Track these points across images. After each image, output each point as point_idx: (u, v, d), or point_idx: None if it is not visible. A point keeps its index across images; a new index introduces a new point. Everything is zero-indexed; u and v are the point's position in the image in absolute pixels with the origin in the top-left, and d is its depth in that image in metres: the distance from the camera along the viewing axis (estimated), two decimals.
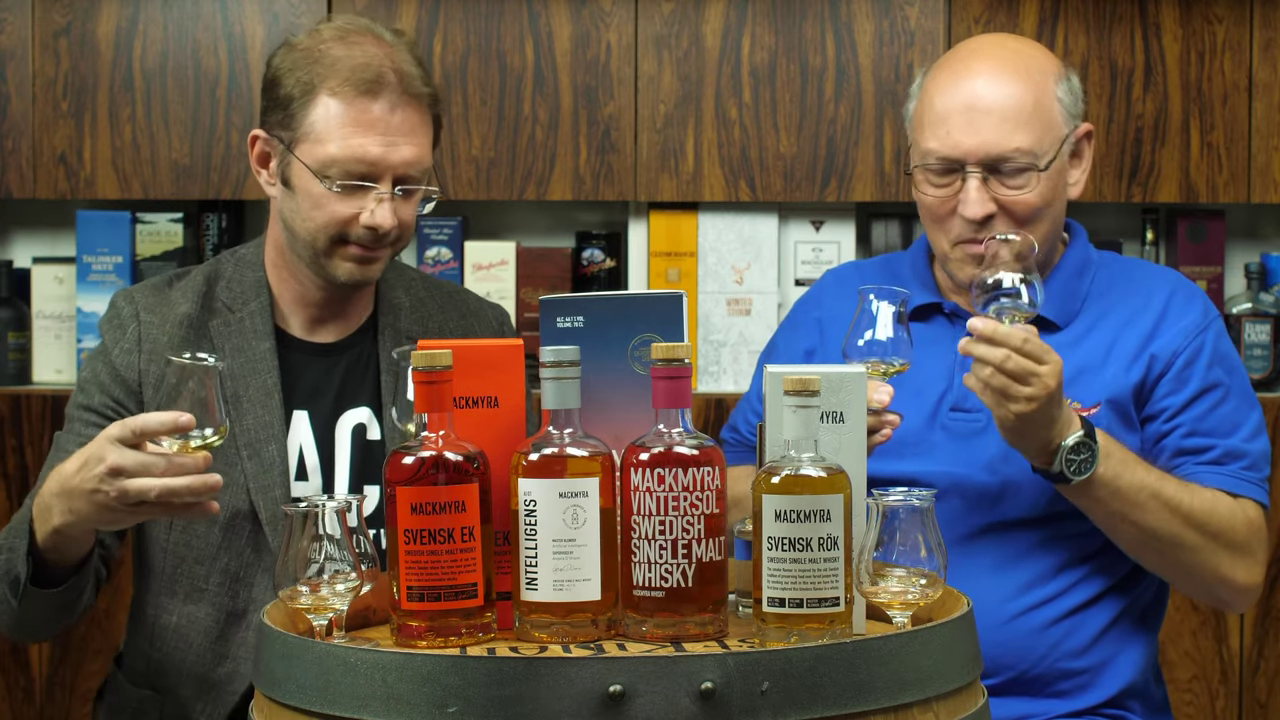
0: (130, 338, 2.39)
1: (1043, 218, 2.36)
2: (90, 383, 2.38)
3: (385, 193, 2.30)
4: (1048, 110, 2.35)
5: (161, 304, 2.41)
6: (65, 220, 3.83)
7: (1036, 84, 2.35)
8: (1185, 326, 2.40)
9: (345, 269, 2.35)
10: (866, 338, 2.17)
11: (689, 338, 2.72)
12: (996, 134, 2.33)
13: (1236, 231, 3.88)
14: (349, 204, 2.31)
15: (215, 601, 2.36)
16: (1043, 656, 2.34)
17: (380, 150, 2.29)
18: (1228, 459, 2.36)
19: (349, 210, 2.31)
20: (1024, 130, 2.33)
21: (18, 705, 3.63)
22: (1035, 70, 2.36)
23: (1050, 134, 2.35)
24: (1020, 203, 2.34)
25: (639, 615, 1.86)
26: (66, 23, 3.66)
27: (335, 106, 2.29)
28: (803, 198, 3.69)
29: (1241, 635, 3.65)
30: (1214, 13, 3.68)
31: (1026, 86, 2.35)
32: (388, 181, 2.30)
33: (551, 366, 1.87)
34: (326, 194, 2.30)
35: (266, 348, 2.39)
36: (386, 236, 2.32)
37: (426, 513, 1.84)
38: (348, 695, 1.74)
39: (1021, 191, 2.34)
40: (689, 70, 3.67)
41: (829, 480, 1.81)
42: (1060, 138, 2.36)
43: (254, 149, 2.38)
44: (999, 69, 2.36)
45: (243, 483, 2.34)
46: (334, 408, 2.42)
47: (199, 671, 2.36)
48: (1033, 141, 2.33)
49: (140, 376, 2.37)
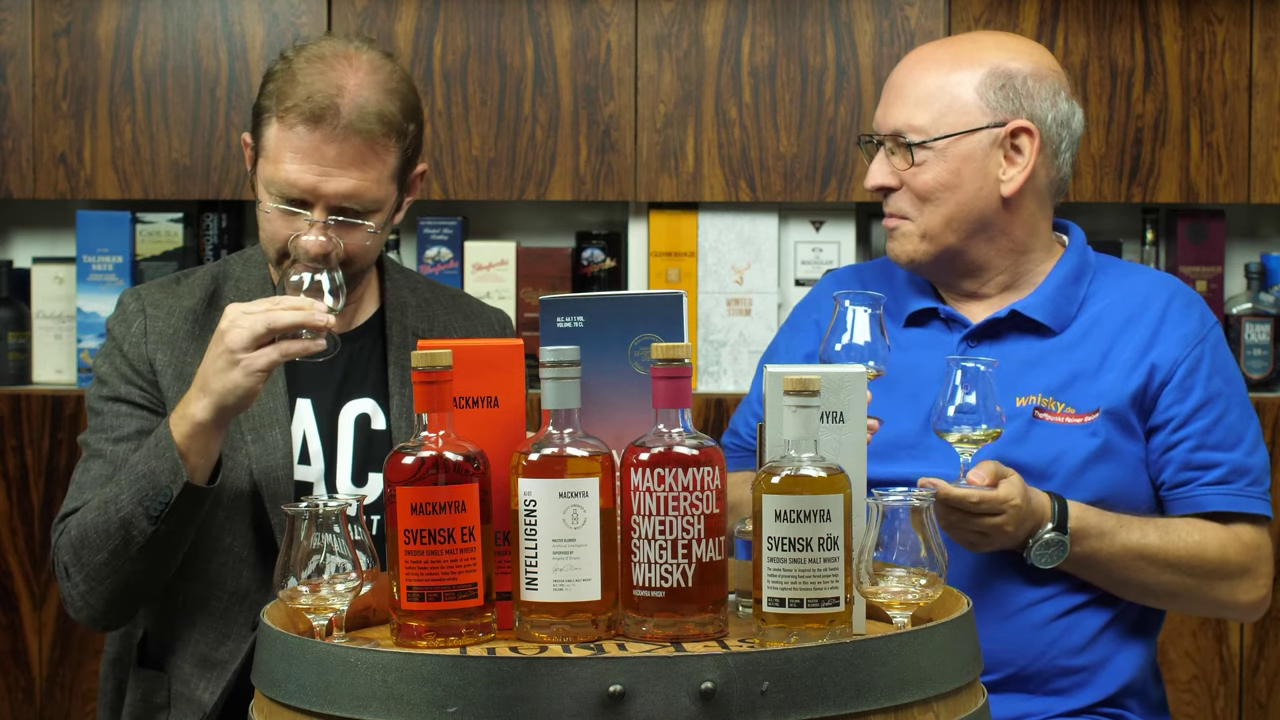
0: (137, 330, 2.44)
1: (941, 200, 2.40)
2: (111, 375, 2.43)
3: (316, 219, 2.34)
4: (953, 95, 2.39)
5: (167, 298, 2.47)
6: (65, 220, 3.83)
7: (951, 70, 2.40)
8: (1185, 335, 2.41)
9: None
10: (843, 342, 2.19)
11: (689, 338, 2.73)
12: (894, 110, 2.41)
13: (1236, 231, 3.88)
14: (286, 224, 2.36)
15: (217, 582, 2.39)
16: (1041, 653, 2.35)
17: (312, 180, 2.34)
18: (1233, 476, 2.38)
19: (286, 230, 2.36)
20: (919, 109, 2.39)
21: (18, 705, 3.63)
22: (965, 59, 2.41)
23: (949, 117, 2.39)
24: (913, 180, 2.40)
25: (639, 615, 1.86)
26: (66, 23, 3.66)
27: (280, 131, 2.35)
28: (803, 198, 3.69)
29: (1241, 635, 3.65)
30: (1214, 13, 3.68)
31: (939, 71, 2.40)
32: (321, 209, 2.35)
33: (551, 366, 1.88)
34: (271, 211, 2.37)
35: None
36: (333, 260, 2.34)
37: (426, 513, 1.84)
38: (348, 695, 1.74)
39: (913, 170, 2.39)
40: (689, 70, 3.67)
41: (829, 480, 1.81)
42: (966, 124, 2.38)
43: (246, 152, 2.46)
44: (926, 55, 2.44)
45: (246, 465, 2.38)
46: (336, 397, 2.46)
47: (202, 651, 2.39)
48: (925, 121, 2.39)
49: (152, 365, 2.42)
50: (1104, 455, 2.36)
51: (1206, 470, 2.38)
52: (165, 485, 2.25)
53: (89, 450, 2.41)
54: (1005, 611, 2.35)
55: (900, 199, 2.41)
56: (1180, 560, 2.34)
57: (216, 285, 2.48)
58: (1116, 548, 2.31)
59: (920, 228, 2.41)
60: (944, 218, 2.40)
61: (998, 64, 2.40)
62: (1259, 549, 2.39)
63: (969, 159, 2.39)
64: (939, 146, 2.38)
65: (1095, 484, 2.34)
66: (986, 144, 2.39)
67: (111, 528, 2.28)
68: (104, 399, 2.43)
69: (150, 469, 2.27)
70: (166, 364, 2.41)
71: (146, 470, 2.27)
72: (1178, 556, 2.33)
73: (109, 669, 2.50)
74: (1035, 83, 2.40)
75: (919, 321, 2.48)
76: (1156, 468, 2.39)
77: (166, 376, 2.41)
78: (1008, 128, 2.39)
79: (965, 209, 2.41)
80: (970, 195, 2.40)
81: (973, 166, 2.40)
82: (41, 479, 3.62)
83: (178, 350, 2.42)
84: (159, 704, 2.41)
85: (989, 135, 2.39)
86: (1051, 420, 2.37)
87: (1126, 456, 2.37)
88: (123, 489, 2.29)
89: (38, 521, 3.62)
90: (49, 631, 3.64)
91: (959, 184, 2.40)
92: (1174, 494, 2.39)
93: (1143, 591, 2.36)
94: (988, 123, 2.39)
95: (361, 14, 3.66)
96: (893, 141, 2.41)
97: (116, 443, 2.38)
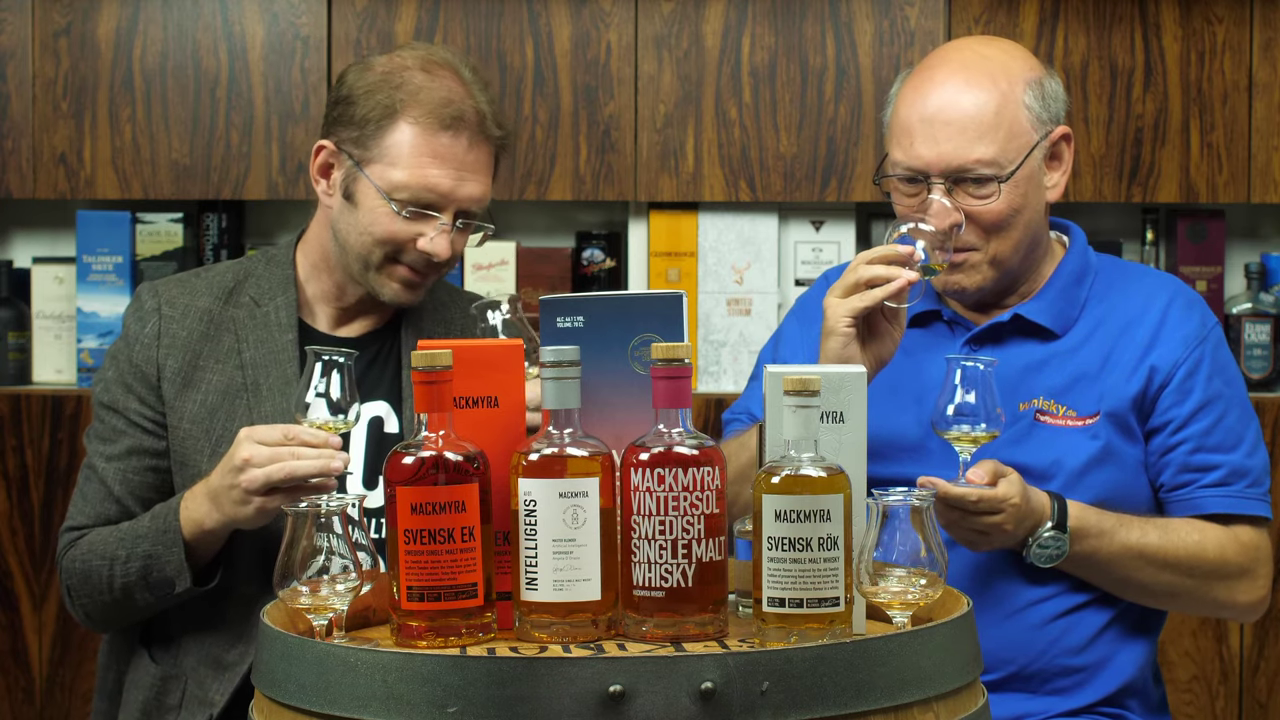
0: (150, 331, 2.46)
1: (1013, 225, 2.35)
2: (114, 382, 2.46)
3: (446, 224, 2.40)
4: (1012, 118, 2.34)
5: (184, 295, 2.49)
6: (65, 220, 3.83)
7: (1001, 92, 2.34)
8: (1185, 336, 2.40)
9: (391, 289, 2.44)
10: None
11: (689, 338, 2.73)
12: (956, 145, 2.32)
13: (1236, 231, 3.88)
14: (410, 228, 2.39)
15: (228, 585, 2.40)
16: (1041, 652, 2.35)
17: (450, 184, 2.39)
18: (1232, 478, 2.38)
19: (408, 233, 2.39)
20: (985, 141, 2.32)
21: (18, 705, 3.63)
22: (1001, 77, 2.35)
23: (1015, 142, 2.34)
24: (986, 212, 2.33)
25: (639, 615, 1.86)
26: (66, 23, 3.66)
27: (414, 135, 2.38)
28: (803, 198, 3.69)
29: (1241, 635, 3.65)
30: (1214, 13, 3.68)
31: (989, 95, 2.33)
32: (450, 213, 2.40)
33: (551, 366, 1.88)
34: (391, 215, 2.39)
35: (289, 339, 2.46)
36: (438, 264, 2.42)
37: (426, 513, 1.84)
38: (348, 695, 1.74)
39: (986, 201, 2.33)
40: (689, 70, 3.67)
41: (829, 480, 1.81)
42: (1028, 145, 2.35)
43: (316, 158, 2.46)
44: (962, 78, 2.35)
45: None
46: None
47: (215, 653, 2.41)
48: (995, 152, 2.32)
49: (159, 371, 2.44)
50: (1104, 458, 2.36)
51: (1205, 472, 2.37)
52: (170, 577, 2.32)
53: (88, 459, 2.46)
54: (1005, 611, 2.35)
55: (967, 233, 2.35)
56: (1180, 560, 2.34)
57: (236, 283, 2.50)
58: (1116, 547, 2.31)
59: (989, 255, 2.36)
60: (1014, 242, 2.36)
61: (1027, 75, 2.36)
62: (1258, 550, 2.39)
63: (1031, 178, 2.36)
64: (1020, 174, 2.33)
65: (1095, 486, 2.34)
66: (1039, 159, 2.37)
67: (114, 585, 2.36)
68: (103, 405, 2.46)
69: (156, 553, 2.32)
70: (176, 370, 2.44)
71: (152, 552, 2.32)
72: (1177, 556, 2.33)
73: (109, 657, 2.51)
74: (1054, 83, 2.39)
75: (922, 323, 2.48)
76: (1156, 470, 2.39)
77: (174, 383, 2.43)
78: (1054, 135, 2.37)
79: (1028, 229, 2.38)
80: (1032, 214, 2.37)
81: (1034, 185, 2.37)
82: (41, 479, 3.62)
83: (190, 354, 2.44)
84: (171, 705, 2.42)
85: (1040, 149, 2.37)
86: (1052, 423, 2.37)
87: (1127, 459, 2.37)
88: (129, 556, 2.34)
89: (38, 521, 3.62)
90: (49, 631, 3.64)
91: (1026, 205, 2.36)
92: (1173, 496, 2.39)
93: (1142, 591, 2.36)
94: (1039, 137, 2.36)
95: (361, 14, 3.66)
96: (950, 180, 2.33)
97: (109, 460, 2.43)
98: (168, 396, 2.43)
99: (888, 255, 2.25)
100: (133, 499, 2.41)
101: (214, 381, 2.43)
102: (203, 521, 2.28)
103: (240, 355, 2.44)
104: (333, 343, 2.48)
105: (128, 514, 2.40)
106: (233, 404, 2.42)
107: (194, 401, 2.42)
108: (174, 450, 2.42)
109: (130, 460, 2.42)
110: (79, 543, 2.41)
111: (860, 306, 2.24)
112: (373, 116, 2.39)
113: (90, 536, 2.40)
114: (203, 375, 2.43)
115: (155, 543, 2.32)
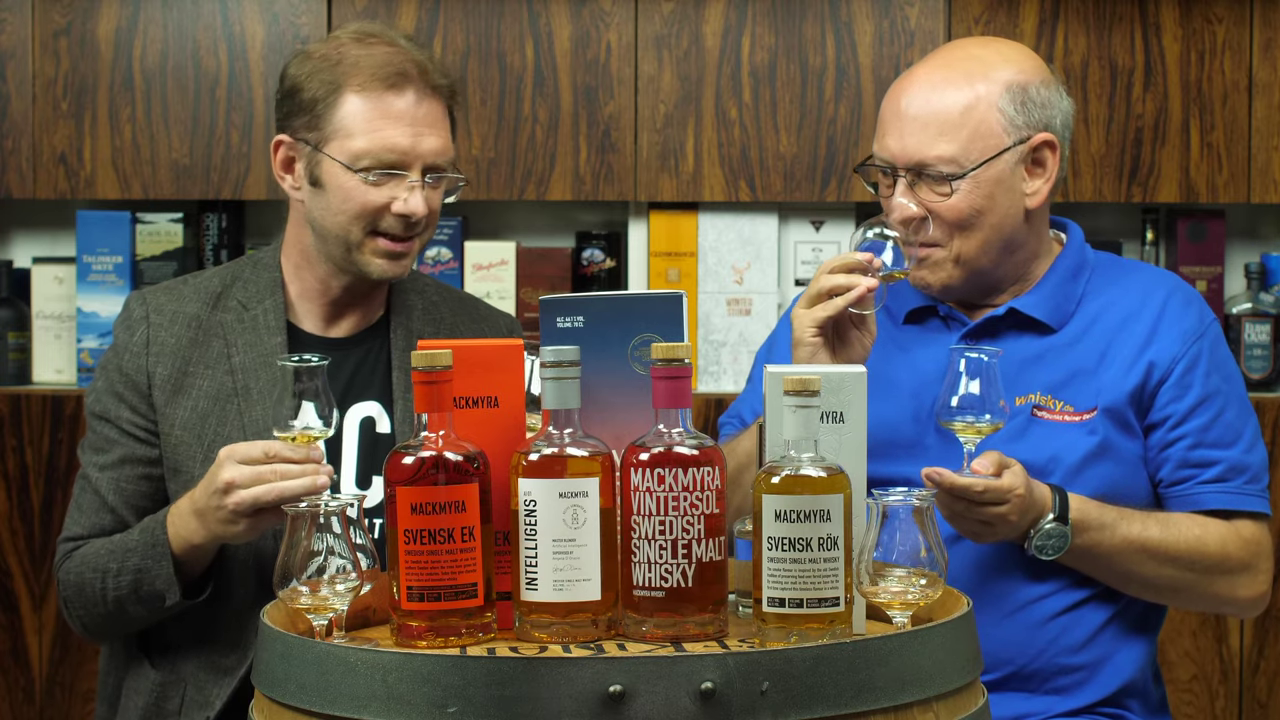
0: (139, 340, 2.45)
1: (976, 225, 2.36)
2: (105, 391, 2.46)
3: (416, 180, 2.39)
4: (980, 119, 2.34)
5: (172, 302, 2.49)
6: (65, 220, 3.83)
7: (975, 93, 2.35)
8: (1183, 331, 2.40)
9: (378, 264, 2.42)
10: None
11: (689, 338, 2.73)
12: (919, 140, 2.34)
13: (1236, 231, 3.88)
14: (381, 194, 2.39)
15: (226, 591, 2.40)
16: (1041, 651, 2.35)
17: (409, 140, 2.39)
18: (1231, 474, 2.38)
19: (381, 199, 2.39)
20: (946, 138, 2.34)
21: (18, 705, 3.63)
22: (979, 79, 2.35)
23: (979, 143, 2.34)
24: (945, 209, 2.35)
25: (639, 615, 1.86)
26: (66, 23, 3.66)
27: (362, 102, 2.39)
28: (803, 198, 3.69)
29: (1241, 635, 3.65)
30: (1214, 13, 3.68)
31: (960, 95, 2.34)
32: (417, 170, 2.40)
33: (551, 366, 1.88)
34: (360, 185, 2.38)
35: (278, 342, 2.45)
36: (417, 225, 2.41)
37: (426, 513, 1.84)
38: (348, 695, 1.74)
39: (945, 198, 2.34)
40: (689, 70, 3.67)
41: (829, 480, 1.81)
42: (995, 147, 2.34)
43: (276, 155, 2.46)
44: (940, 75, 2.36)
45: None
46: (341, 400, 2.46)
47: (213, 658, 2.41)
48: (955, 150, 2.33)
49: (149, 379, 2.44)
50: (1102, 453, 2.36)
51: (1204, 468, 2.37)
52: (160, 590, 2.32)
53: (82, 469, 2.46)
54: (1005, 609, 2.35)
55: (935, 229, 2.36)
56: (1181, 554, 2.34)
57: (224, 288, 2.50)
58: (1117, 540, 2.31)
59: (953, 253, 2.37)
60: (979, 243, 2.37)
61: (1009, 78, 2.36)
62: (1259, 545, 2.39)
63: (999, 181, 2.36)
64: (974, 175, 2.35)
65: (1094, 482, 2.34)
66: (1013, 163, 2.37)
67: (107, 598, 2.37)
68: (95, 415, 2.47)
69: (146, 567, 2.32)
70: (166, 377, 2.44)
71: (142, 565, 2.33)
72: (1178, 550, 2.33)
73: (109, 664, 2.51)
74: (1045, 90, 2.38)
75: (918, 319, 2.48)
76: (1154, 465, 2.39)
77: (164, 391, 2.43)
78: (1030, 143, 2.37)
79: (998, 230, 2.38)
80: (1001, 216, 2.37)
81: (1003, 188, 2.36)
82: (41, 479, 3.62)
83: (179, 360, 2.44)
84: (170, 710, 2.42)
85: (1014, 154, 2.36)
86: (1050, 418, 2.37)
87: (1125, 454, 2.37)
88: (120, 570, 2.35)
89: (38, 521, 3.62)
90: (49, 631, 3.64)
91: (992, 208, 2.36)
92: (1172, 492, 2.39)
93: (1144, 586, 2.36)
94: (1013, 141, 2.36)
95: (361, 14, 3.66)
96: (913, 174, 2.36)
97: (102, 470, 2.43)
98: (159, 404, 2.43)
99: (848, 264, 2.29)
100: (127, 508, 2.41)
101: (204, 387, 2.43)
102: (190, 538, 2.28)
103: (230, 360, 2.44)
104: (322, 344, 2.48)
105: (123, 523, 2.41)
106: (224, 409, 2.42)
107: (185, 408, 2.42)
108: (167, 458, 2.42)
109: (123, 469, 2.42)
110: (74, 555, 2.41)
111: (823, 316, 2.27)
112: (320, 96, 2.40)
113: (84, 549, 2.41)
114: (193, 381, 2.43)
115: (144, 556, 2.32)
